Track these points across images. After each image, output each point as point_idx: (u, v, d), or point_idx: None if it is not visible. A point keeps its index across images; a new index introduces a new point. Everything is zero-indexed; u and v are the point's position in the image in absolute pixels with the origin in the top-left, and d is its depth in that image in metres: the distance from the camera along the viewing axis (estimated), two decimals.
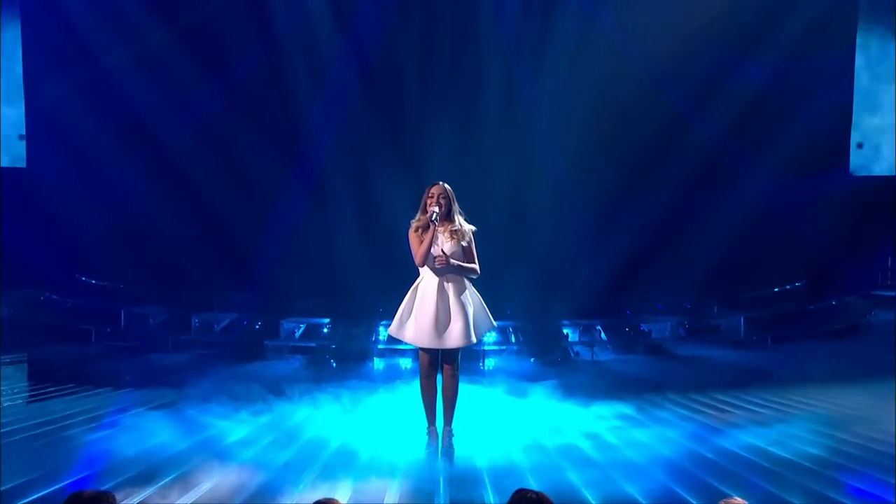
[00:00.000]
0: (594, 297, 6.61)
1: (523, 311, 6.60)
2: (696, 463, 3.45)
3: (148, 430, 3.84)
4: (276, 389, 4.77)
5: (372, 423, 4.11)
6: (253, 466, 3.36)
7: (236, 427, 3.97)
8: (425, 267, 3.68)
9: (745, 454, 3.57)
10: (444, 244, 3.67)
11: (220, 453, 3.52)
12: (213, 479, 3.17)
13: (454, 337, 3.60)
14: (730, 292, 6.64)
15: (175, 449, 3.58)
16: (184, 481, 3.11)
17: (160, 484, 3.07)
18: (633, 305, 6.87)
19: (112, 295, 6.44)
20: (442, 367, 3.70)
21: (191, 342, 6.33)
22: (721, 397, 4.69)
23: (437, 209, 3.68)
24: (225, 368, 5.47)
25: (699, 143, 6.18)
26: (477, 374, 5.65)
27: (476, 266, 3.69)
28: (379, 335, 6.39)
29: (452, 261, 3.63)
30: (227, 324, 6.67)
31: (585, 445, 3.79)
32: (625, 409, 4.43)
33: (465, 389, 4.55)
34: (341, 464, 3.48)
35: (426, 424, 3.71)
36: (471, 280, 3.71)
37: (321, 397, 4.61)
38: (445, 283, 3.64)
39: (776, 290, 6.65)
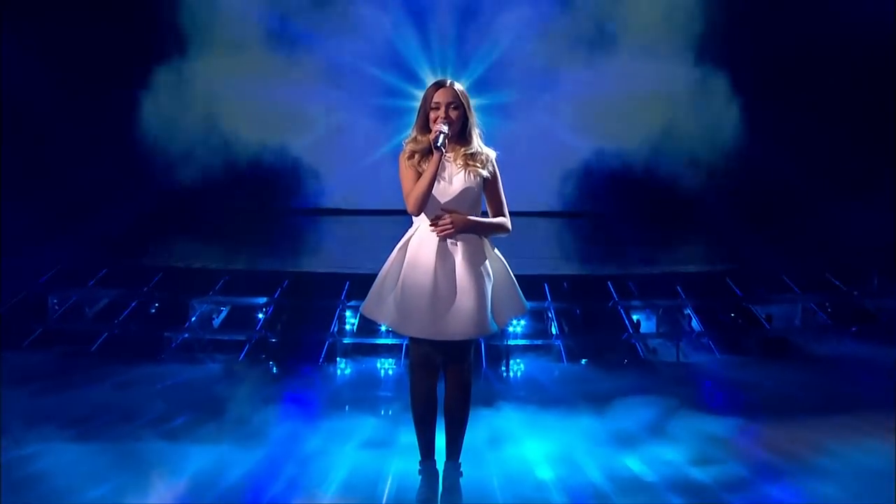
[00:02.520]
0: (679, 260, 7.18)
1: (570, 286, 6.82)
2: None
3: None
4: (180, 409, 4.91)
5: (333, 463, 4.11)
6: None
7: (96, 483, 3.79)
8: (422, 216, 3.71)
9: None
10: (453, 178, 3.71)
11: None
12: None
13: (463, 323, 3.63)
14: None
15: None
16: None
17: None
18: (741, 277, 7.01)
19: None
20: (445, 371, 3.76)
21: (52, 335, 6.44)
22: None
23: (445, 128, 3.69)
24: (100, 376, 5.64)
25: None
26: (498, 384, 5.79)
27: (506, 218, 3.76)
28: (346, 321, 6.52)
29: (468, 219, 3.66)
30: (103, 306, 6.78)
31: None
32: (738, 467, 4.11)
33: (480, 407, 4.68)
34: None
35: (418, 459, 3.77)
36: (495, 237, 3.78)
37: (252, 424, 4.65)
38: (452, 241, 3.69)
39: None
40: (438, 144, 3.63)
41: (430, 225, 3.66)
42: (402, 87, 10.66)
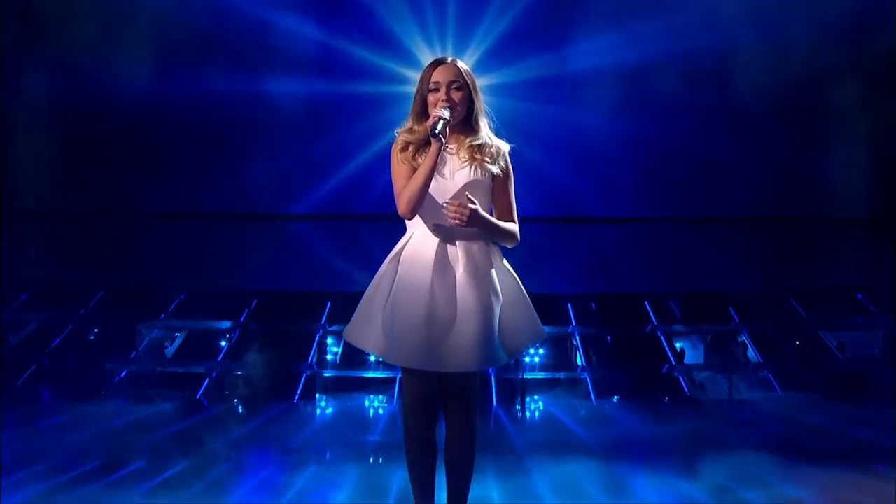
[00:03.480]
0: (732, 276, 7.31)
1: (599, 306, 6.84)
2: None
3: None
4: (124, 458, 4.89)
5: None
6: None
7: None
8: (417, 219, 3.73)
9: None
10: (455, 173, 3.74)
11: None
12: None
13: (467, 352, 3.64)
14: None
15: None
16: None
17: None
18: (807, 295, 7.04)
19: None
20: (446, 411, 3.78)
21: None
22: None
23: (446, 113, 3.71)
24: (26, 417, 5.63)
25: None
26: (511, 426, 5.77)
27: (515, 225, 3.78)
28: (327, 349, 6.54)
29: (482, 213, 3.68)
30: (30, 332, 6.78)
31: None
32: None
33: (489, 454, 4.67)
34: None
35: None
36: (503, 247, 3.81)
37: (213, 476, 4.67)
38: (454, 251, 3.71)
39: None
40: (437, 132, 3.63)
41: (443, 208, 3.64)
42: (394, 71, 10.88)
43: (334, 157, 11.17)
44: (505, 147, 3.80)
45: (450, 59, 3.78)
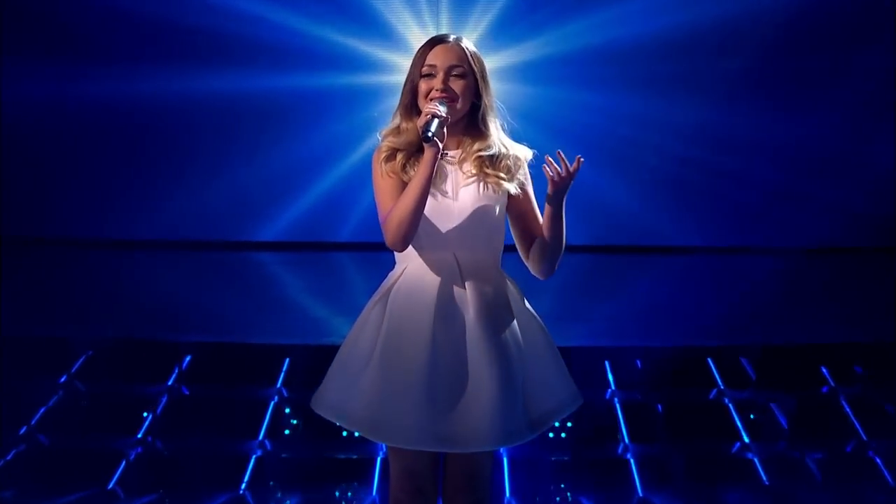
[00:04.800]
0: (825, 322, 7.27)
1: (647, 364, 6.86)
2: None
3: None
4: None
5: None
6: None
7: None
8: (410, 250, 3.78)
9: None
10: (460, 191, 3.78)
11: None
12: None
13: (479, 426, 3.66)
14: None
15: None
16: None
17: None
18: None
19: None
20: (445, 502, 3.81)
21: None
22: None
23: (442, 109, 3.72)
24: None
25: None
26: None
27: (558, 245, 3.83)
28: (284, 422, 6.54)
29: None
30: None
31: None
32: None
33: None
34: None
35: None
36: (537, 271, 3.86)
37: None
38: (460, 290, 3.75)
39: None
40: (430, 134, 3.64)
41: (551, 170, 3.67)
42: (374, 57, 10.96)
43: (302, 169, 11.32)
44: (525, 154, 3.85)
45: (452, 38, 3.83)
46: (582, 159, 3.70)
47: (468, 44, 3.82)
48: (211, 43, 11.19)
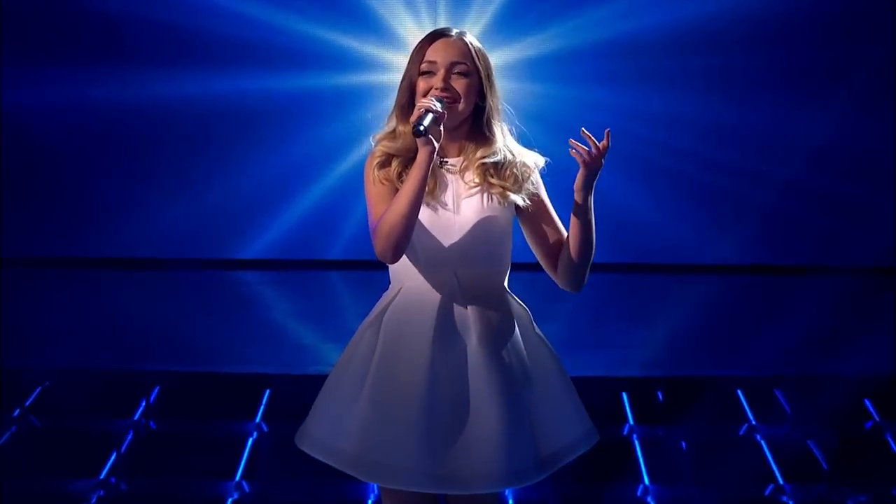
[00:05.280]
0: (868, 348, 7.31)
1: (669, 397, 6.88)
2: None
3: None
4: None
5: None
6: None
7: None
8: (406, 268, 3.79)
9: None
10: (461, 202, 3.79)
11: None
12: None
13: (483, 465, 3.66)
14: None
15: None
16: None
17: None
18: None
19: None
20: None
21: None
22: None
23: (437, 105, 3.69)
24: None
25: None
26: None
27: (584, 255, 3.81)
28: (263, 461, 6.50)
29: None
30: None
31: None
32: None
33: None
34: None
35: None
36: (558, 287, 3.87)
37: None
38: (462, 312, 3.76)
39: None
40: (423, 128, 3.61)
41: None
42: (367, 55, 10.98)
43: (287, 178, 11.36)
44: (535, 161, 3.86)
45: (455, 32, 3.84)
46: (609, 131, 3.69)
47: (472, 39, 3.83)
48: (181, 40, 11.28)
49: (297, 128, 11.30)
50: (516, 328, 3.78)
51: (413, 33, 10.72)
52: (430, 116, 3.63)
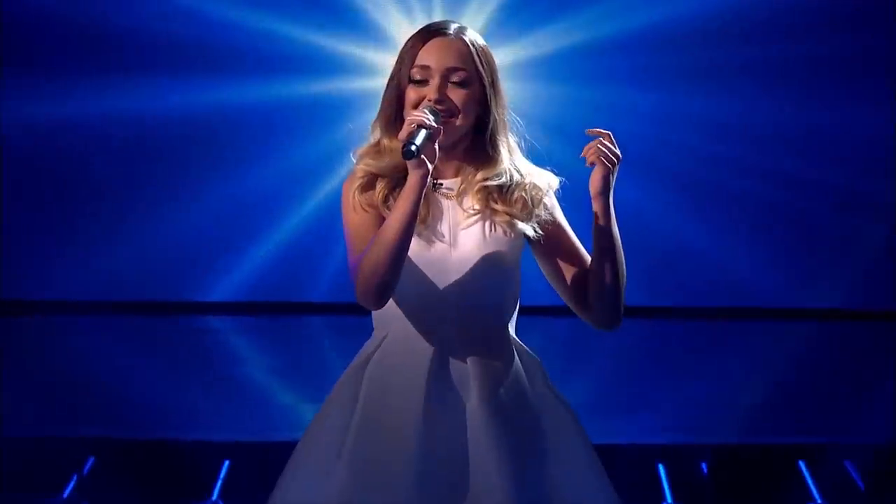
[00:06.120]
0: None
1: (715, 467, 6.86)
2: None
3: None
4: None
5: None
6: None
7: None
8: (392, 312, 3.80)
9: None
10: (459, 234, 3.78)
11: None
12: None
13: None
14: None
15: None
16: None
17: None
18: None
19: None
20: None
21: None
22: None
23: (430, 117, 3.65)
24: None
25: None
26: None
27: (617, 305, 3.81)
28: None
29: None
30: None
31: None
32: None
33: None
34: None
35: None
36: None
37: None
38: (460, 366, 3.78)
39: None
40: (414, 148, 3.56)
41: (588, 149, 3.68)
42: (351, 57, 10.99)
43: (260, 206, 11.35)
44: (549, 183, 3.86)
45: (453, 28, 3.82)
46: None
47: (474, 36, 3.80)
48: (109, 46, 11.39)
49: (267, 145, 11.31)
50: (526, 384, 3.79)
51: (401, 29, 10.71)
52: (423, 133, 3.59)
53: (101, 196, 11.36)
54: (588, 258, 3.81)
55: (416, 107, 3.72)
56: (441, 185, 3.78)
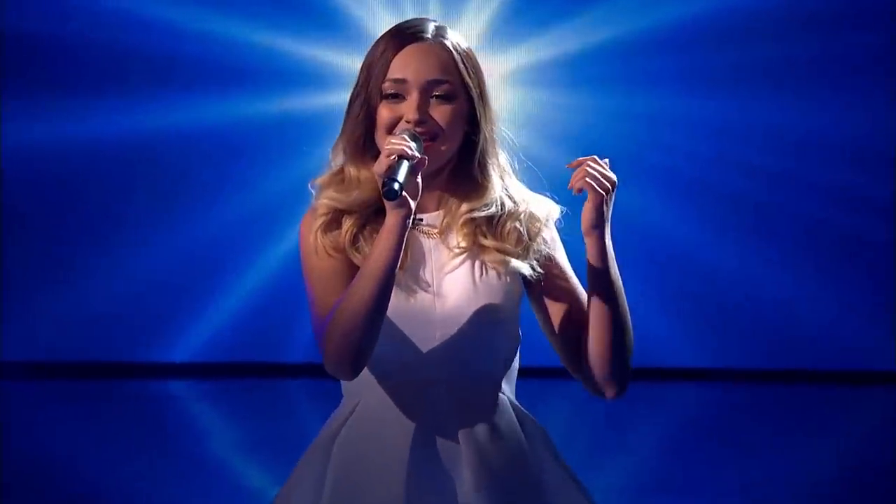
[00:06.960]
0: None
1: None
2: None
3: None
4: None
5: None
6: None
7: None
8: (365, 380, 3.79)
9: None
10: (444, 278, 3.78)
11: None
12: None
13: None
14: None
15: None
16: None
17: None
18: None
19: None
20: None
21: None
22: None
23: (412, 146, 3.58)
24: None
25: None
26: None
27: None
28: None
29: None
30: None
31: None
32: None
33: None
34: None
35: None
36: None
37: None
38: (447, 445, 3.77)
39: None
40: (396, 187, 3.49)
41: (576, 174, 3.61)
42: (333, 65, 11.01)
43: (228, 250, 11.31)
44: (548, 212, 3.85)
45: (431, 29, 3.79)
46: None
47: (457, 39, 3.77)
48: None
49: (234, 173, 11.33)
50: (530, 458, 3.79)
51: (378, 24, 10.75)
52: (405, 166, 3.52)
53: (35, 238, 11.42)
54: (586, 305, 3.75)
55: (391, 129, 3.67)
56: (421, 220, 3.74)
